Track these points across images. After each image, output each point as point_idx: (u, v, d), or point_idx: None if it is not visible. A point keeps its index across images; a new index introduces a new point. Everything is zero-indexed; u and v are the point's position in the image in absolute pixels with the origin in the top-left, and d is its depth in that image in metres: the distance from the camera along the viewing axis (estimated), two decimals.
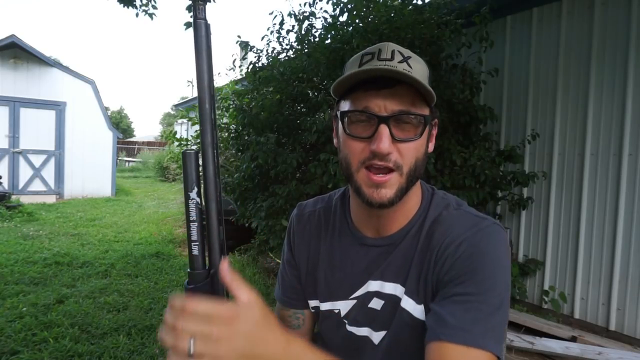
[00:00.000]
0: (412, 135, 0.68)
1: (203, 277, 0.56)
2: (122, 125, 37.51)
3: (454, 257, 0.69)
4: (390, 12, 3.21)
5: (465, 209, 0.77)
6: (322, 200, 0.92)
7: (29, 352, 2.45)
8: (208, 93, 0.55)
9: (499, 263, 0.68)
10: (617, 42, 2.88)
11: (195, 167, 0.55)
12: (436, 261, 0.71)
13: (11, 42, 8.33)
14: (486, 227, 0.71)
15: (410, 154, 0.69)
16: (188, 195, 0.55)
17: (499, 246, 0.69)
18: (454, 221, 0.74)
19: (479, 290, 0.65)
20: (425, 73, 0.71)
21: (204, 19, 0.54)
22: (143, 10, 4.67)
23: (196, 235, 0.56)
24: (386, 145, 0.65)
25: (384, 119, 0.66)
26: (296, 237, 0.91)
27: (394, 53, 0.69)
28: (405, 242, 0.76)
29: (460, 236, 0.70)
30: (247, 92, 4.17)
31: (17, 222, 6.36)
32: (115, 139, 10.29)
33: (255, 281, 3.93)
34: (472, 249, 0.68)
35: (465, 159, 3.00)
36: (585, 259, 3.05)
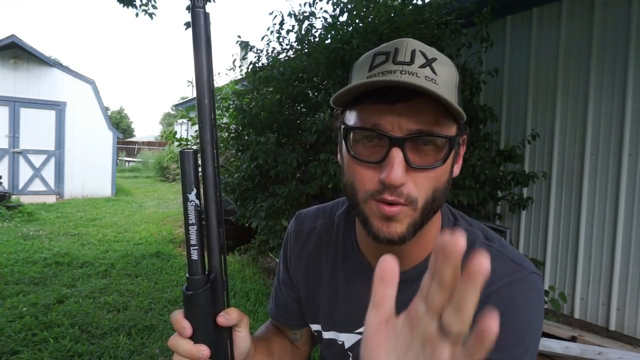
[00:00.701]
0: (433, 161, 0.54)
1: (203, 283, 0.53)
2: (122, 125, 37.51)
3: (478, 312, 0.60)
4: (390, 12, 3.21)
5: (496, 246, 0.64)
6: (324, 214, 0.80)
7: (29, 352, 2.46)
8: (207, 88, 0.51)
9: (533, 327, 0.58)
10: (617, 42, 2.88)
11: (193, 167, 0.52)
12: None
13: (11, 42, 8.34)
14: (522, 278, 0.59)
15: (428, 185, 0.55)
16: (187, 197, 0.52)
17: (536, 305, 0.59)
18: None
19: (509, 357, 0.56)
20: (454, 80, 0.56)
21: (203, 7, 0.50)
22: (143, 10, 4.66)
23: (195, 238, 0.52)
24: (399, 176, 0.51)
25: (397, 141, 0.52)
26: (294, 257, 0.81)
27: (414, 54, 0.53)
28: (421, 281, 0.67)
29: (490, 286, 0.57)
30: (247, 92, 4.17)
31: (17, 222, 6.37)
32: (115, 139, 10.29)
33: (255, 281, 3.94)
34: (502, 308, 0.57)
35: (465, 159, 3.00)
36: (585, 259, 3.05)
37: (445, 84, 0.53)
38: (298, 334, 0.86)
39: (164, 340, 2.68)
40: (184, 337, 0.54)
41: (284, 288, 0.84)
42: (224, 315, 0.56)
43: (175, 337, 0.55)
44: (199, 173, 0.53)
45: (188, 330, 0.53)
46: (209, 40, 0.51)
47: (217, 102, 4.87)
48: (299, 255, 0.80)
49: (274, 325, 0.89)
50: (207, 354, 0.54)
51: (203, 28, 0.50)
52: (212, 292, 0.54)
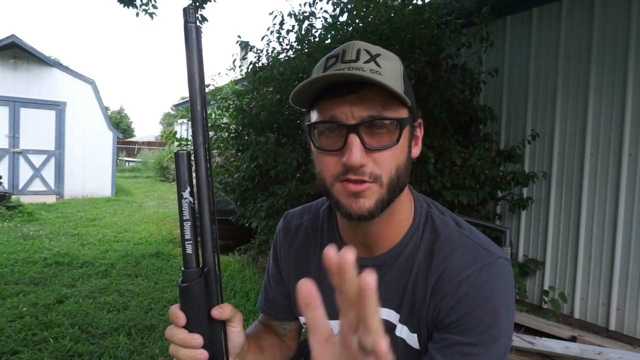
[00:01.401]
0: (388, 142, 0.61)
1: (197, 275, 0.57)
2: (122, 125, 37.51)
3: (453, 298, 0.63)
4: (390, 12, 3.21)
5: (466, 233, 0.69)
6: (309, 211, 0.86)
7: (29, 352, 2.45)
8: (199, 94, 0.56)
9: (504, 309, 0.62)
10: (617, 42, 2.88)
11: (187, 167, 0.56)
12: (433, 295, 0.65)
13: (11, 42, 8.34)
14: (490, 263, 0.63)
15: (388, 163, 0.61)
16: (181, 195, 0.56)
17: (505, 288, 0.63)
18: (453, 249, 0.66)
19: (483, 340, 0.60)
20: (398, 70, 0.63)
21: (194, 22, 0.55)
22: (143, 9, 4.66)
23: (190, 234, 0.56)
24: (357, 157, 0.58)
25: (352, 127, 0.59)
26: (283, 252, 0.86)
27: (359, 53, 0.62)
28: (399, 264, 0.70)
29: (461, 273, 0.63)
30: (247, 92, 4.17)
31: (17, 222, 6.37)
32: (115, 139, 10.29)
33: (255, 281, 3.94)
34: (474, 293, 0.62)
35: (465, 159, 3.00)
36: (585, 259, 3.05)
37: (390, 74, 0.60)
38: (287, 328, 0.90)
39: (164, 340, 2.68)
40: (178, 327, 0.57)
41: (274, 283, 0.88)
42: (218, 309, 0.59)
43: (171, 327, 0.58)
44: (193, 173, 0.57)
45: (182, 319, 0.57)
46: (200, 52, 0.56)
47: (217, 102, 4.87)
48: (288, 250, 0.84)
49: (263, 323, 0.93)
50: (201, 342, 0.57)
51: (195, 41, 0.55)
52: (205, 284, 0.58)
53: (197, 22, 0.56)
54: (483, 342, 0.61)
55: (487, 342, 0.61)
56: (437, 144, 3.02)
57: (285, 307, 0.87)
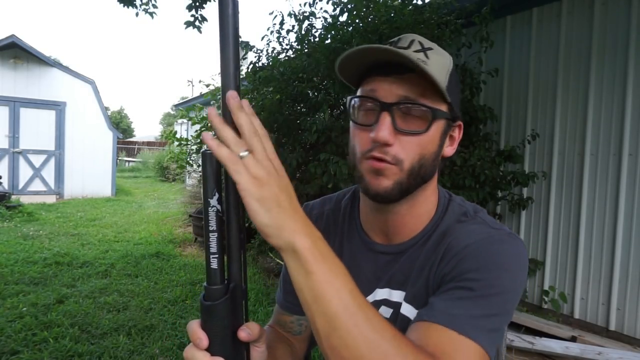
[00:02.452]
0: (417, 128, 0.62)
1: (222, 293, 0.50)
2: (122, 125, 37.52)
3: (459, 256, 0.62)
4: (390, 12, 3.21)
5: (481, 216, 0.69)
6: (330, 201, 0.87)
7: (29, 352, 2.46)
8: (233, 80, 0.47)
9: (509, 268, 0.60)
10: (617, 41, 2.88)
11: (216, 170, 0.48)
12: (439, 263, 0.65)
13: (11, 42, 8.34)
14: (499, 235, 0.64)
15: (413, 149, 0.62)
16: (208, 202, 0.48)
17: (512, 253, 0.62)
18: (465, 227, 0.67)
19: (481, 288, 0.58)
20: (446, 67, 0.64)
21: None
22: (144, 9, 4.66)
23: (216, 246, 0.49)
24: (385, 134, 0.60)
25: (386, 105, 0.61)
26: None
27: (412, 43, 0.64)
28: (417, 250, 0.71)
29: (467, 239, 0.64)
30: (247, 92, 4.17)
31: (17, 222, 6.37)
32: (115, 139, 10.29)
33: (255, 281, 3.93)
34: (480, 251, 0.61)
35: (465, 159, 3.00)
36: (585, 259, 3.05)
37: (436, 68, 0.61)
38: (303, 325, 0.87)
39: (164, 340, 2.68)
40: (200, 349, 0.51)
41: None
42: (246, 330, 0.53)
43: (191, 348, 0.52)
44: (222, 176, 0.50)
45: (205, 341, 0.51)
46: (236, 31, 0.46)
47: (217, 102, 4.86)
48: None
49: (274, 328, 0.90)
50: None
51: (231, 17, 0.45)
52: (231, 302, 0.51)
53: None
54: (479, 289, 0.58)
55: (484, 292, 0.58)
56: None
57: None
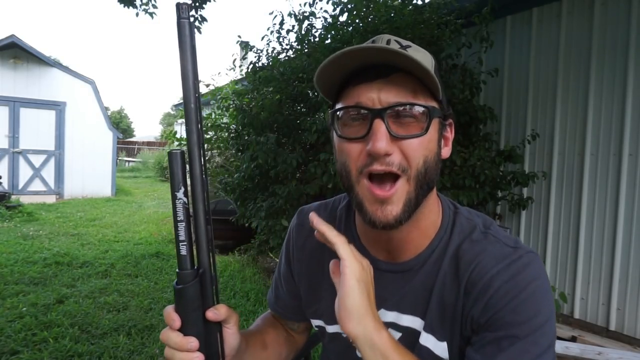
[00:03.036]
0: (416, 130, 0.57)
1: (192, 277, 0.56)
2: (122, 125, 37.50)
3: (486, 294, 0.58)
4: (390, 12, 3.21)
5: (493, 233, 0.65)
6: (325, 208, 0.82)
7: (29, 352, 2.45)
8: (193, 93, 0.54)
9: (541, 296, 0.58)
10: (617, 42, 2.88)
11: (181, 167, 0.55)
12: (466, 297, 0.61)
13: (11, 42, 8.34)
14: (519, 257, 0.60)
15: (417, 154, 0.57)
16: (175, 195, 0.55)
17: (537, 276, 0.59)
18: (481, 249, 0.62)
19: (524, 332, 0.56)
20: (429, 62, 0.60)
21: (188, 18, 0.54)
22: (143, 9, 4.66)
23: (184, 235, 0.55)
24: (383, 144, 0.54)
25: (378, 112, 0.56)
26: (296, 251, 0.81)
27: (389, 42, 0.59)
28: (425, 269, 0.66)
29: (491, 269, 0.60)
30: (247, 92, 4.17)
31: (17, 222, 6.37)
32: (115, 139, 10.29)
33: (255, 281, 3.94)
34: (508, 285, 0.58)
35: (465, 159, 3.00)
36: (585, 259, 3.05)
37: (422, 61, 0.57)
38: (296, 325, 0.88)
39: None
40: (173, 330, 0.56)
41: (284, 282, 0.85)
42: (213, 310, 0.58)
43: (166, 330, 0.58)
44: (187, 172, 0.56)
45: (177, 322, 0.56)
46: (194, 48, 0.54)
47: (217, 102, 4.86)
48: (302, 249, 0.80)
49: (272, 316, 0.91)
50: (196, 345, 0.56)
51: (188, 37, 0.54)
52: (200, 286, 0.56)
53: (190, 18, 0.54)
54: (523, 334, 0.55)
55: (528, 333, 0.56)
56: None
57: (296, 307, 0.84)
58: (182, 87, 0.54)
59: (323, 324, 0.77)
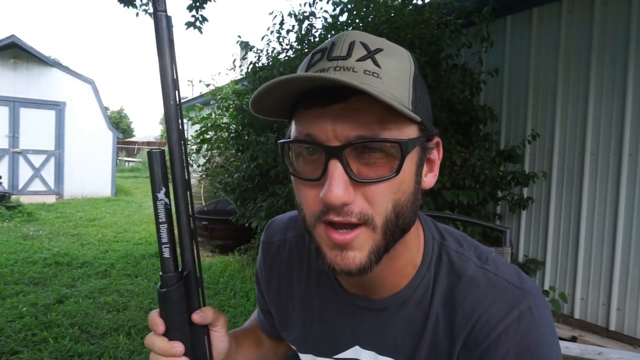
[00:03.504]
0: (384, 172, 0.45)
1: (175, 280, 0.54)
2: (122, 125, 37.49)
3: (495, 355, 0.51)
4: (390, 12, 3.21)
5: (491, 269, 0.55)
6: (295, 225, 0.71)
7: (29, 352, 2.45)
8: (173, 89, 0.52)
9: (554, 353, 0.52)
10: (617, 41, 2.87)
11: (161, 167, 0.53)
12: (467, 353, 0.53)
13: (11, 42, 8.34)
14: (528, 308, 0.52)
15: (384, 200, 0.45)
16: (156, 196, 0.53)
17: (549, 334, 0.52)
18: (483, 293, 0.53)
19: None
20: (406, 72, 0.47)
21: (164, 11, 0.52)
22: (143, 9, 4.66)
23: (166, 237, 0.54)
24: (339, 194, 0.43)
25: (333, 151, 0.44)
26: (265, 270, 0.73)
27: (352, 47, 0.45)
28: (407, 310, 0.57)
29: (499, 323, 0.51)
30: (247, 92, 4.17)
31: (17, 222, 6.37)
32: (115, 139, 10.29)
33: (255, 281, 3.93)
34: (520, 349, 0.50)
35: (465, 159, 3.00)
36: (585, 259, 3.05)
37: (393, 78, 0.45)
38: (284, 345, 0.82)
39: None
40: (157, 335, 0.55)
41: (260, 300, 0.78)
42: (199, 313, 0.56)
43: (151, 335, 0.56)
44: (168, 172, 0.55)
45: (161, 327, 0.54)
46: (172, 42, 0.52)
47: (217, 102, 4.87)
48: (269, 270, 0.72)
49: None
50: (181, 350, 0.54)
51: (166, 31, 0.52)
52: (185, 289, 0.55)
53: (167, 11, 0.52)
54: None
55: None
56: None
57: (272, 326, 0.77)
58: (161, 83, 0.52)
59: (296, 349, 0.71)
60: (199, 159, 6.58)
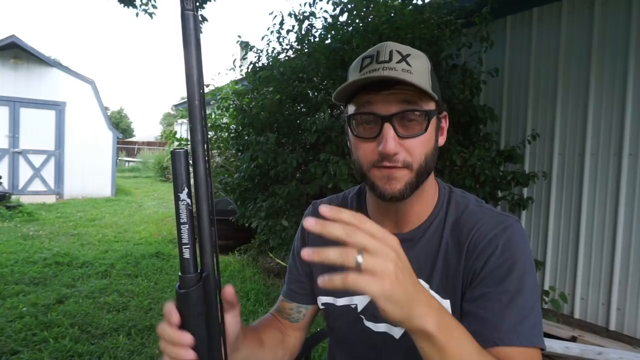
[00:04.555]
0: (418, 131, 0.69)
1: (195, 281, 0.54)
2: (122, 125, 37.51)
3: (486, 253, 0.70)
4: (390, 12, 3.21)
5: (485, 205, 0.79)
6: (337, 198, 0.93)
7: (29, 352, 2.46)
8: (197, 89, 0.52)
9: (528, 259, 0.70)
10: (617, 42, 2.88)
11: (185, 167, 0.53)
12: (467, 257, 0.73)
13: (11, 42, 8.34)
14: (510, 225, 0.73)
15: (419, 150, 0.70)
16: (178, 196, 0.53)
17: (525, 243, 0.72)
18: (479, 217, 0.75)
19: (517, 287, 0.67)
20: (426, 68, 0.72)
21: (193, 10, 0.52)
22: (143, 9, 4.67)
23: (187, 237, 0.53)
24: (392, 146, 0.67)
25: (387, 118, 0.67)
26: (311, 235, 0.88)
27: (392, 54, 0.69)
28: (427, 236, 0.78)
29: (489, 232, 0.72)
30: (247, 92, 4.17)
31: (17, 222, 6.37)
32: (115, 139, 10.29)
33: (255, 281, 3.93)
34: (504, 247, 0.70)
35: (465, 159, 3.00)
36: (585, 259, 3.05)
37: (419, 72, 0.69)
38: (302, 312, 0.93)
39: None
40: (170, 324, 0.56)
41: (299, 261, 0.92)
42: (230, 289, 0.59)
43: (163, 323, 0.57)
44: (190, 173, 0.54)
45: (175, 317, 0.55)
46: (198, 42, 0.52)
47: (217, 102, 4.86)
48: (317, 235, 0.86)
49: (274, 315, 0.95)
50: (190, 342, 0.55)
51: (193, 30, 0.52)
52: (204, 290, 0.55)
53: (195, 10, 0.52)
54: (517, 289, 0.67)
55: (520, 289, 0.67)
56: None
57: (309, 287, 0.91)
58: (186, 83, 0.52)
59: (332, 300, 0.86)
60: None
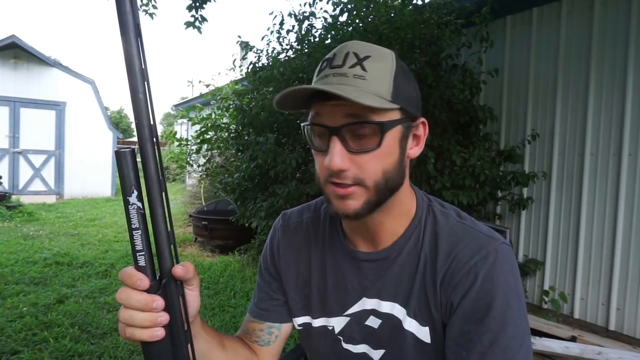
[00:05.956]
0: (370, 145, 0.60)
1: (154, 290, 0.50)
2: (122, 125, 37.47)
3: (465, 285, 0.64)
4: (390, 12, 3.21)
5: (468, 222, 0.70)
6: (308, 210, 0.85)
7: (29, 352, 2.46)
8: (141, 80, 0.47)
9: (513, 290, 0.63)
10: (617, 42, 2.88)
11: (133, 168, 0.49)
12: (445, 286, 0.66)
13: (11, 42, 8.34)
14: (494, 250, 0.65)
15: (373, 167, 0.61)
16: (127, 200, 0.48)
17: (511, 272, 0.64)
18: (460, 238, 0.67)
19: (500, 326, 0.61)
20: (388, 71, 0.62)
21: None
22: (143, 10, 4.67)
23: (141, 244, 0.49)
24: (338, 161, 0.59)
25: (334, 130, 0.60)
26: (282, 249, 0.84)
27: (347, 56, 0.61)
28: (403, 256, 0.70)
29: (469, 260, 0.64)
30: (247, 92, 4.17)
31: (17, 222, 6.37)
32: (115, 139, 10.30)
33: (255, 281, 3.93)
34: (485, 279, 0.63)
35: (465, 159, 3.00)
36: (585, 259, 3.05)
37: (375, 78, 0.60)
38: (274, 334, 0.83)
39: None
40: (136, 289, 0.51)
41: (267, 277, 0.86)
42: (181, 267, 0.53)
43: (126, 289, 0.51)
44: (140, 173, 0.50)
45: (145, 281, 0.50)
46: (138, 27, 0.47)
47: (217, 102, 4.86)
48: (287, 247, 0.83)
49: (239, 338, 0.86)
50: (162, 304, 0.51)
51: (130, 14, 0.46)
52: (165, 298, 0.51)
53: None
54: (498, 327, 0.61)
55: (502, 326, 0.61)
56: (437, 144, 3.02)
57: (281, 303, 0.83)
58: (127, 74, 0.47)
59: (309, 320, 0.79)
60: (199, 159, 6.58)
